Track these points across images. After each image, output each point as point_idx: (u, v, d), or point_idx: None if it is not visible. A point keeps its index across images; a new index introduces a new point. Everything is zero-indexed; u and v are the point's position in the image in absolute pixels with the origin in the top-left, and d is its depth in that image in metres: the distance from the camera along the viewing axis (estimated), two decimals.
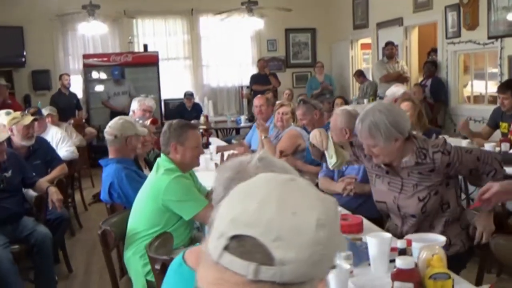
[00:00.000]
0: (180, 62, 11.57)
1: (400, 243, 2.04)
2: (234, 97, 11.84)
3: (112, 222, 3.13)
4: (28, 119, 4.72)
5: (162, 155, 3.25)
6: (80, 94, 10.74)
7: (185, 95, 10.29)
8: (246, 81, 11.10)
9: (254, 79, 10.78)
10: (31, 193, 4.44)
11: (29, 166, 4.46)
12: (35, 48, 10.73)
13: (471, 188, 4.63)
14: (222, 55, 11.61)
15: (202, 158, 4.06)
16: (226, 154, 3.93)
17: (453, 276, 2.05)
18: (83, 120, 9.97)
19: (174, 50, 11.43)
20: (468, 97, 8.67)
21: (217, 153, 5.70)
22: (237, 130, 10.03)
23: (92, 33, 10.35)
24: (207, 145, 6.31)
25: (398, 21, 9.47)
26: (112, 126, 3.96)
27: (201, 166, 4.24)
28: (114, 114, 10.02)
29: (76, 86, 10.88)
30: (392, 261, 2.10)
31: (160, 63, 10.97)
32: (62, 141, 5.98)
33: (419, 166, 2.76)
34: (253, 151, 5.87)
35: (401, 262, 1.87)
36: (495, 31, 7.20)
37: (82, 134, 8.25)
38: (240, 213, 0.88)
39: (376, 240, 2.25)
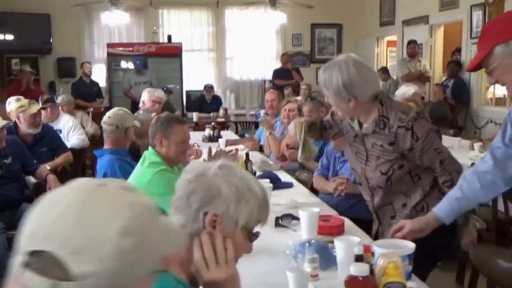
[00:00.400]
0: (204, 54, 11.58)
1: (357, 249, 1.99)
2: (256, 91, 11.80)
3: None
4: (36, 108, 4.77)
5: (149, 147, 3.24)
6: (103, 83, 10.85)
7: (205, 87, 10.29)
8: (270, 75, 11.04)
9: (277, 73, 10.73)
10: (33, 180, 4.49)
11: (31, 154, 4.51)
12: (62, 35, 10.87)
13: None
14: (246, 48, 11.57)
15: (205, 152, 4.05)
16: (214, 149, 3.88)
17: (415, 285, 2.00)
18: (102, 109, 10.03)
19: (198, 42, 11.44)
20: (491, 99, 8.46)
21: (226, 146, 5.69)
22: (256, 124, 9.97)
23: (115, 23, 10.39)
24: (217, 138, 6.31)
25: (424, 19, 9.30)
26: (112, 117, 3.96)
27: (203, 160, 4.25)
28: (134, 103, 10.14)
29: (100, 75, 11.00)
30: None
31: (184, 55, 10.98)
32: (73, 129, 6.03)
33: (378, 135, 2.62)
34: (261, 146, 5.84)
35: (354, 269, 1.81)
36: None
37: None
38: (38, 226, 0.84)
39: (342, 244, 2.20)
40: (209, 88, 10.28)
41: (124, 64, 10.72)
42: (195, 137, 6.60)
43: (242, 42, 11.55)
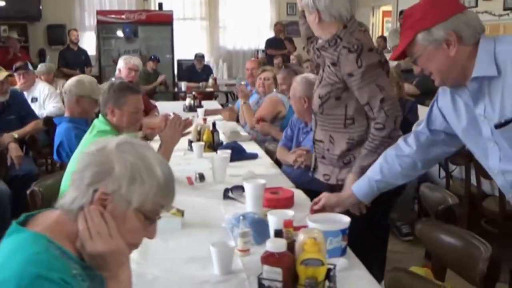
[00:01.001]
0: (197, 22, 11.40)
1: (276, 224, 1.88)
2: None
3: (46, 183, 3.05)
4: (2, 75, 4.65)
5: (100, 115, 3.12)
6: (93, 51, 10.71)
7: (195, 56, 10.13)
8: (263, 45, 10.86)
9: (269, 43, 10.56)
10: None
11: None
12: (52, 2, 10.71)
13: (451, 166, 4.39)
14: (240, 17, 11.36)
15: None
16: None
17: (358, 271, 1.91)
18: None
19: (190, 10, 11.24)
20: None
21: (204, 115, 5.58)
22: None
23: None
24: (197, 108, 6.19)
25: None
26: (69, 83, 3.84)
27: None
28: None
29: (91, 43, 10.86)
30: None
31: (176, 23, 10.81)
32: (49, 97, 5.91)
33: (325, 52, 2.58)
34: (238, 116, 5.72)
35: (270, 245, 1.72)
36: (511, 2, 6.80)
37: None
38: None
39: (273, 218, 2.10)
40: (199, 57, 10.12)
41: (113, 32, 10.56)
42: (177, 106, 6.50)
43: (236, 11, 11.33)
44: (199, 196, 2.93)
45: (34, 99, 5.84)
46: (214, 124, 4.19)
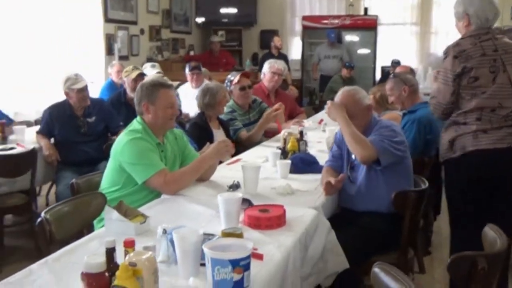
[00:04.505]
0: (406, 27, 10.82)
1: (110, 243, 1.66)
2: None
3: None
4: (135, 73, 5.02)
5: (137, 116, 3.17)
6: (298, 56, 10.92)
7: (392, 62, 9.64)
8: None
9: None
10: None
11: (118, 116, 4.78)
12: (267, 8, 11.19)
13: None
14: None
15: None
16: None
17: None
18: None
19: (399, 14, 10.70)
20: None
21: None
22: None
23: None
24: None
25: None
26: None
27: None
28: (323, 78, 10.04)
29: (297, 48, 11.10)
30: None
31: (382, 28, 10.46)
32: None
33: None
34: None
35: (86, 265, 1.54)
36: None
37: None
38: None
39: (177, 236, 1.88)
40: (395, 63, 9.59)
41: (318, 37, 10.61)
42: None
43: (451, 15, 10.46)
44: (203, 204, 2.77)
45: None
46: (301, 132, 3.96)
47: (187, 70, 6.44)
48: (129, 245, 1.66)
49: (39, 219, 2.47)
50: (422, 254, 3.33)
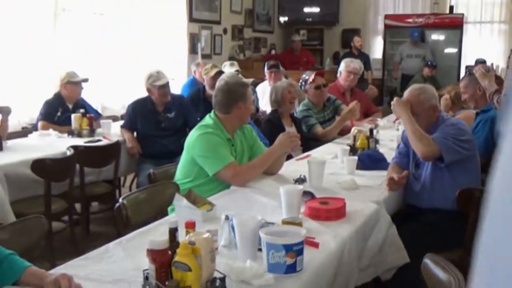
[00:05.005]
0: (494, 26, 10.48)
1: (173, 223, 1.80)
2: None
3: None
4: (213, 71, 5.23)
5: (212, 112, 3.33)
6: (379, 55, 10.85)
7: (476, 62, 9.37)
8: None
9: None
10: None
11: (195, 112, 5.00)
12: (349, 7, 11.18)
13: None
14: None
15: None
16: None
17: None
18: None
19: (486, 13, 10.38)
20: None
21: None
22: None
23: None
24: None
25: None
26: None
27: None
28: (405, 77, 9.93)
29: (378, 47, 11.03)
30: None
31: (469, 27, 10.21)
32: None
33: None
34: None
35: (150, 243, 1.70)
36: None
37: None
38: None
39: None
40: (479, 63, 9.33)
41: (401, 36, 10.49)
42: None
43: None
44: (269, 196, 2.89)
45: None
46: (371, 130, 4.01)
47: (265, 68, 6.60)
48: (190, 226, 1.82)
49: (117, 204, 2.69)
50: None
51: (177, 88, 6.73)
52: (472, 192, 2.91)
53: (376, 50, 11.19)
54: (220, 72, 5.33)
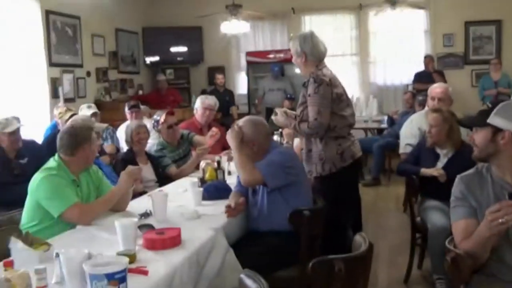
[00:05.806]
0: (346, 58, 11.27)
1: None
2: (401, 96, 11.13)
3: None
4: (68, 115, 5.28)
5: (56, 154, 3.40)
6: (244, 90, 11.28)
7: None
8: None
9: (417, 76, 10.14)
10: None
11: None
12: (212, 46, 11.52)
13: None
14: (392, 51, 10.97)
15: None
16: None
17: None
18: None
19: (339, 47, 11.14)
20: None
21: None
22: (380, 131, 9.53)
23: (236, 32, 10.47)
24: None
25: None
26: None
27: None
28: (269, 110, 10.37)
29: (242, 83, 11.49)
30: None
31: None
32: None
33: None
34: None
35: None
36: None
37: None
38: None
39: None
40: None
41: (263, 71, 10.99)
42: None
43: (387, 45, 10.98)
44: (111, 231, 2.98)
45: None
46: (219, 162, 4.23)
47: (126, 109, 6.70)
48: (9, 264, 1.89)
49: None
50: None
51: (39, 132, 6.64)
52: (301, 213, 3.18)
53: (241, 85, 11.61)
54: (74, 115, 5.38)
